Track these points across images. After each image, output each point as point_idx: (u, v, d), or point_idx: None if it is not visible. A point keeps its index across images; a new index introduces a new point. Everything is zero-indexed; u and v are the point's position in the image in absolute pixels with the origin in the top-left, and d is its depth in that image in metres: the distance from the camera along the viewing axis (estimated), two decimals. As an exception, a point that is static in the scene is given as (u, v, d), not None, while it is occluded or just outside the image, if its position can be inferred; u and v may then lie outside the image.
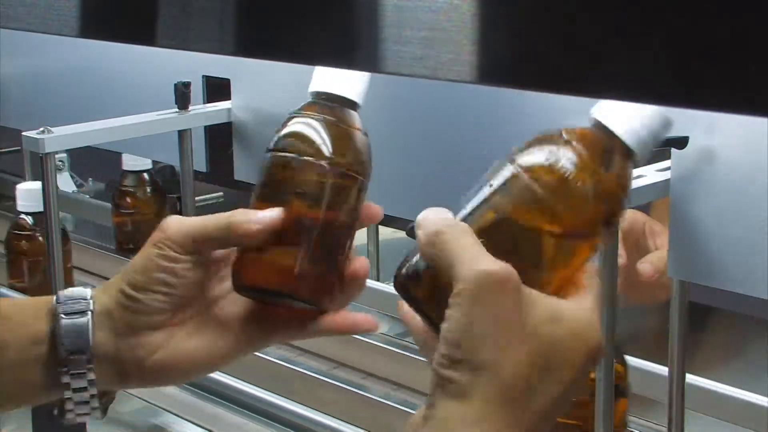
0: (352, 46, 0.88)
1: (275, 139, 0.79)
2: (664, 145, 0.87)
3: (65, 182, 1.78)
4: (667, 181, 0.87)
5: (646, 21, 0.82)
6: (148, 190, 1.54)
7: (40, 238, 1.36)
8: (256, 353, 1.20)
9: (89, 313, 0.74)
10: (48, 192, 1.14)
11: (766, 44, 0.75)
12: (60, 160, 1.74)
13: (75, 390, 0.74)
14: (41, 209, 1.22)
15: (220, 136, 1.27)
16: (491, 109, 1.01)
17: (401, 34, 0.89)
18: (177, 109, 1.23)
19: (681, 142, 0.85)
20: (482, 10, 0.77)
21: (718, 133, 0.83)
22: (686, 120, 0.85)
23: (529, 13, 0.86)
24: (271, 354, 1.22)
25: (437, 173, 1.07)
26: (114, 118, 1.21)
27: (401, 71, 0.98)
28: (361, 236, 1.40)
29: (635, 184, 0.86)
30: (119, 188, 1.54)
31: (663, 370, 0.96)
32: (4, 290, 1.35)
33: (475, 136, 1.03)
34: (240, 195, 1.45)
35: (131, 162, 1.52)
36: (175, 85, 1.23)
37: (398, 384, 1.18)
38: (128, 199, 1.53)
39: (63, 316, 0.73)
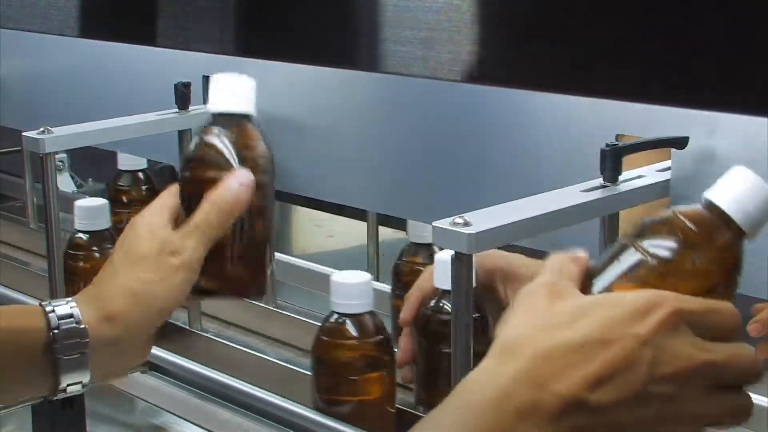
0: (352, 46, 0.88)
1: (184, 159, 0.86)
2: (664, 146, 0.87)
3: (65, 182, 1.78)
4: (667, 181, 0.87)
5: (646, 21, 0.83)
6: (144, 189, 1.52)
7: (98, 257, 1.23)
8: (257, 354, 1.20)
9: (86, 350, 0.78)
10: (48, 192, 1.14)
11: (766, 44, 0.75)
12: (60, 161, 1.73)
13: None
14: (102, 227, 1.21)
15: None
16: (491, 109, 1.01)
17: (401, 34, 0.90)
18: (177, 110, 1.23)
19: (681, 142, 0.85)
20: (482, 10, 0.77)
21: (718, 133, 0.83)
22: (686, 120, 0.85)
23: (528, 13, 0.86)
24: (271, 354, 1.22)
25: (437, 173, 1.07)
26: (114, 119, 1.21)
27: (401, 71, 0.98)
28: (361, 236, 1.40)
29: (635, 184, 0.86)
30: (114, 187, 1.53)
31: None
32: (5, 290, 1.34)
33: (475, 136, 1.03)
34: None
35: (126, 162, 1.51)
36: (175, 85, 1.23)
37: (398, 384, 1.17)
38: (124, 198, 1.51)
39: (62, 357, 0.77)
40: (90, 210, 1.22)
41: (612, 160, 0.84)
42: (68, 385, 0.78)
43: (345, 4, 1.16)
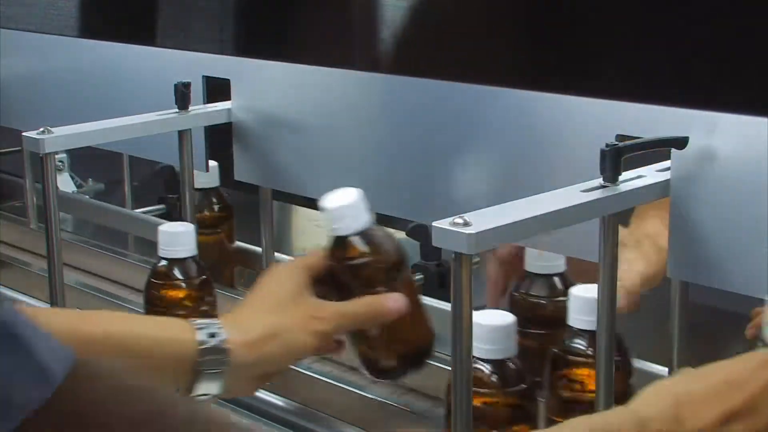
0: (352, 46, 0.88)
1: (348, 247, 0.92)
2: (664, 146, 0.87)
3: (65, 182, 1.78)
4: (667, 181, 0.87)
5: (646, 21, 0.83)
6: (216, 208, 1.44)
7: (184, 287, 1.14)
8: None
9: (226, 368, 0.86)
10: (48, 192, 1.14)
11: (766, 44, 0.75)
12: (60, 161, 1.73)
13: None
14: (188, 254, 1.13)
15: (220, 136, 1.27)
16: (491, 109, 1.01)
17: (401, 34, 0.90)
18: (177, 110, 1.23)
19: (681, 142, 0.85)
20: (482, 10, 0.77)
21: (718, 133, 0.83)
22: (686, 120, 0.85)
23: (528, 14, 0.86)
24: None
25: (437, 173, 1.07)
26: (114, 119, 1.21)
27: (401, 71, 0.99)
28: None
29: (635, 184, 0.86)
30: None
31: (663, 370, 0.96)
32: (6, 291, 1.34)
33: (475, 136, 1.03)
34: (240, 196, 1.45)
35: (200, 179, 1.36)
36: (175, 85, 1.23)
37: (399, 385, 1.18)
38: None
39: (204, 371, 0.85)
40: (174, 236, 1.14)
41: (612, 160, 0.84)
42: (199, 394, 0.85)
43: (345, 4, 1.16)
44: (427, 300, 1.24)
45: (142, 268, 1.50)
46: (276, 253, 1.31)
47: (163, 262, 1.14)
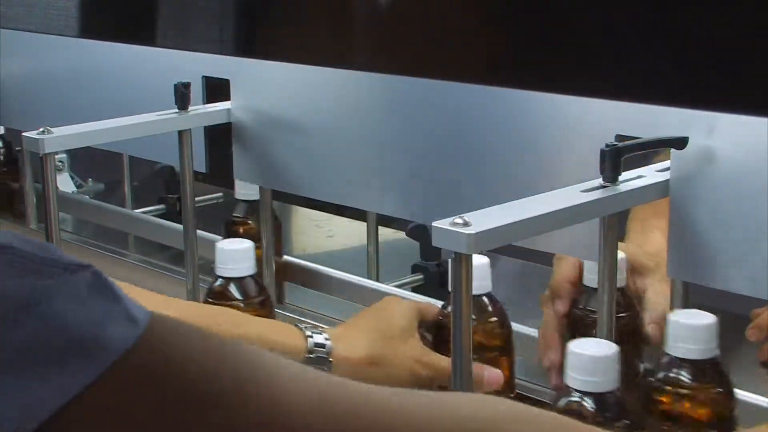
0: (352, 47, 0.88)
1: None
2: (664, 146, 0.87)
3: (65, 183, 1.78)
4: (666, 181, 0.87)
5: (646, 21, 0.83)
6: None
7: (243, 307, 1.09)
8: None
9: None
10: (48, 192, 1.14)
11: (766, 44, 0.75)
12: (60, 161, 1.73)
13: None
14: (247, 273, 1.08)
15: (220, 136, 1.27)
16: (491, 109, 1.01)
17: (401, 34, 0.90)
18: (177, 110, 1.23)
19: (681, 142, 0.85)
20: (482, 10, 0.77)
21: (718, 133, 0.83)
22: (686, 120, 0.85)
23: (528, 14, 0.86)
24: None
25: (437, 173, 1.07)
26: (114, 119, 1.21)
27: (402, 72, 0.98)
28: (360, 237, 1.40)
29: (635, 184, 0.86)
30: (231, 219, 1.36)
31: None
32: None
33: (475, 136, 1.03)
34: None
35: (243, 190, 1.34)
36: (175, 85, 1.23)
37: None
38: (240, 230, 1.35)
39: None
40: (232, 253, 1.09)
41: (612, 160, 0.84)
42: None
43: (345, 4, 1.16)
44: (427, 300, 1.24)
45: (142, 268, 1.51)
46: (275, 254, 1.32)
47: (221, 281, 1.09)
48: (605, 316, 0.87)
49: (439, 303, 1.13)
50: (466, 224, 0.75)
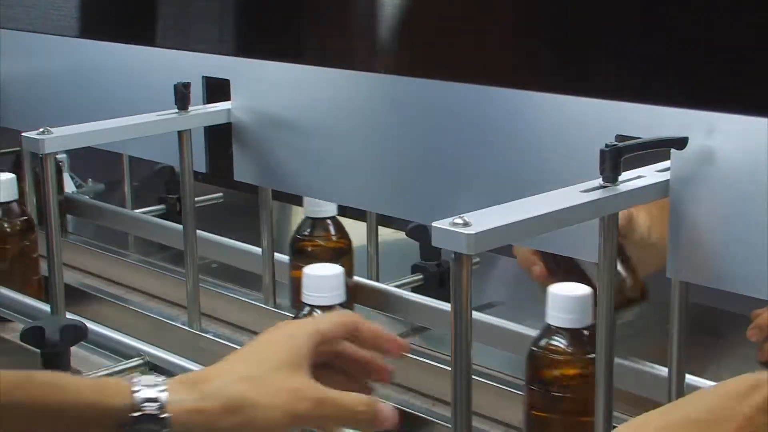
0: (352, 47, 0.88)
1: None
2: (664, 146, 0.87)
3: (65, 183, 1.78)
4: (666, 181, 0.87)
5: (646, 21, 0.83)
6: (334, 238, 1.30)
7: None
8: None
9: None
10: (48, 192, 1.14)
11: (766, 44, 0.75)
12: (60, 161, 1.73)
13: None
14: (338, 301, 1.02)
15: (220, 136, 1.27)
16: (491, 109, 1.01)
17: (401, 34, 0.90)
18: (177, 110, 1.23)
19: (680, 143, 0.85)
20: (482, 11, 0.77)
21: (718, 134, 0.83)
22: (686, 120, 0.85)
23: (529, 14, 0.86)
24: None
25: (437, 173, 1.07)
26: (114, 119, 1.21)
27: (401, 71, 0.99)
28: (360, 236, 1.40)
29: (635, 184, 0.86)
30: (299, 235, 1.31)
31: (663, 370, 0.96)
32: (7, 292, 1.34)
33: (475, 136, 1.03)
34: (240, 196, 1.45)
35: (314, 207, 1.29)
36: (175, 85, 1.23)
37: (399, 385, 1.18)
38: (309, 249, 1.30)
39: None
40: (322, 280, 1.03)
41: (612, 161, 0.84)
42: None
43: (345, 4, 1.16)
44: (427, 300, 1.25)
45: (142, 268, 1.51)
46: (276, 254, 1.31)
47: (308, 310, 1.03)
48: (605, 316, 0.87)
49: (440, 303, 1.13)
50: (466, 224, 0.75)
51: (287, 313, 1.30)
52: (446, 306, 1.01)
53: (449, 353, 0.78)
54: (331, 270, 1.03)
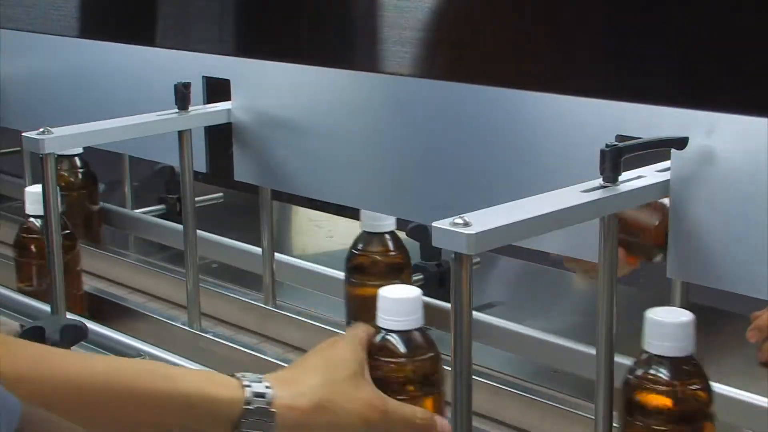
0: (352, 47, 0.88)
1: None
2: (664, 146, 0.87)
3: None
4: (666, 181, 0.87)
5: (646, 21, 0.83)
6: (392, 253, 1.24)
7: (409, 365, 1.07)
8: (257, 354, 1.21)
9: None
10: (48, 192, 1.14)
11: (766, 44, 0.75)
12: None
13: None
14: (415, 326, 0.97)
15: (220, 136, 1.27)
16: (491, 109, 1.01)
17: (402, 34, 0.90)
18: (177, 110, 1.23)
19: (680, 143, 0.85)
20: (482, 10, 0.77)
21: (718, 134, 0.83)
22: (686, 120, 0.85)
23: (528, 14, 0.86)
24: (271, 354, 1.22)
25: (437, 173, 1.07)
26: (114, 119, 1.21)
27: (402, 72, 0.99)
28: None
29: (635, 184, 0.86)
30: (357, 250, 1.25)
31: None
32: (7, 291, 1.34)
33: (475, 136, 1.03)
34: (240, 196, 1.45)
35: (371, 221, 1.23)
36: (175, 85, 1.23)
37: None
38: (364, 263, 1.24)
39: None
40: (398, 303, 0.97)
41: (612, 161, 0.84)
42: None
43: (345, 4, 1.16)
44: (427, 300, 1.24)
45: (142, 268, 1.51)
46: (276, 254, 1.32)
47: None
48: (605, 316, 0.87)
49: (440, 303, 1.12)
50: (466, 224, 0.75)
51: (287, 313, 1.30)
52: (446, 306, 1.01)
53: (449, 353, 0.78)
54: (409, 292, 0.98)
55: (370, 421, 0.86)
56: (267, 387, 0.83)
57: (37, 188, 1.32)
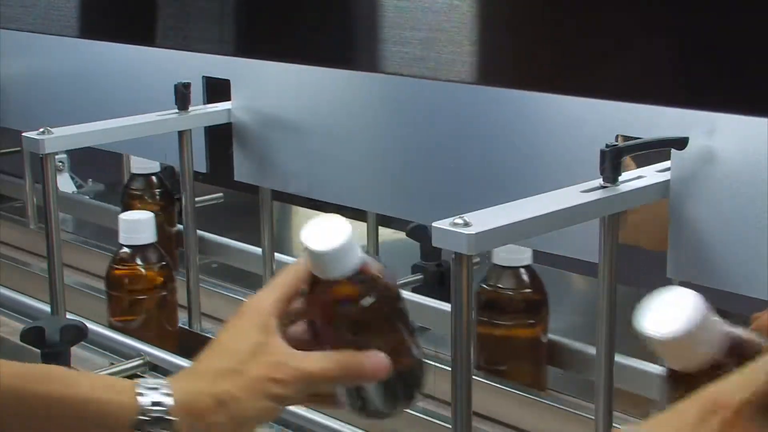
0: (352, 47, 0.88)
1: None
2: (664, 146, 0.87)
3: (65, 183, 1.78)
4: (667, 181, 0.87)
5: (646, 21, 0.82)
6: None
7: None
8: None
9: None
10: (48, 192, 1.14)
11: (766, 45, 0.75)
12: (60, 161, 1.73)
13: None
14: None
15: (220, 136, 1.27)
16: (491, 109, 1.01)
17: (402, 34, 0.90)
18: (177, 110, 1.23)
19: (681, 143, 0.85)
20: (482, 10, 0.77)
21: (718, 134, 0.83)
22: (686, 120, 0.85)
23: (528, 14, 0.86)
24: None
25: (437, 174, 1.07)
26: (114, 119, 1.21)
27: (402, 72, 0.98)
28: (361, 236, 1.40)
29: (635, 184, 0.86)
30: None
31: (662, 370, 0.96)
32: (7, 291, 1.34)
33: (475, 136, 1.03)
34: (240, 196, 1.45)
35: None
36: (175, 86, 1.23)
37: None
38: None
39: None
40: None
41: (612, 161, 0.84)
42: None
43: (345, 4, 1.16)
44: (427, 300, 1.25)
45: (142, 268, 1.50)
46: (276, 254, 1.31)
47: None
48: (605, 316, 0.87)
49: (440, 303, 1.12)
50: (466, 224, 0.75)
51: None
52: (446, 306, 1.01)
53: (449, 353, 0.78)
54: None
55: (276, 395, 0.76)
56: (165, 393, 0.77)
57: (133, 216, 1.24)
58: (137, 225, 1.21)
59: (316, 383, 0.77)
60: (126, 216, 1.24)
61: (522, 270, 1.10)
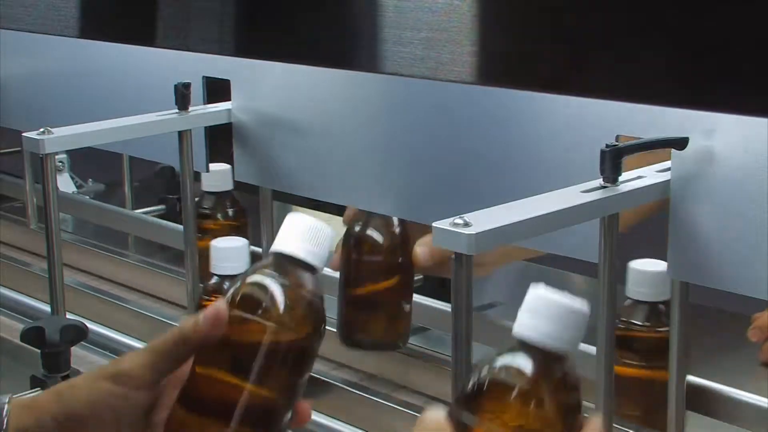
0: (352, 47, 0.88)
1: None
2: (664, 146, 0.87)
3: (65, 183, 1.78)
4: (667, 181, 0.87)
5: (645, 22, 0.82)
6: None
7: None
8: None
9: None
10: (48, 192, 1.14)
11: (765, 45, 0.75)
12: (60, 161, 1.74)
13: None
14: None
15: (220, 136, 1.27)
16: (491, 109, 1.01)
17: (401, 35, 0.90)
18: (177, 110, 1.23)
19: (681, 143, 0.85)
20: (482, 10, 0.77)
21: (718, 134, 0.83)
22: (686, 120, 0.85)
23: (528, 14, 0.86)
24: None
25: (437, 174, 1.07)
26: (114, 119, 1.21)
27: (401, 72, 0.99)
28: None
29: (635, 185, 0.86)
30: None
31: (663, 370, 0.96)
32: (7, 291, 1.34)
33: (475, 136, 1.03)
34: (239, 196, 1.45)
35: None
36: (175, 86, 1.23)
37: (398, 385, 1.18)
38: None
39: None
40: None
41: (612, 161, 0.84)
42: None
43: (345, 4, 1.16)
44: (427, 300, 1.25)
45: (142, 268, 1.51)
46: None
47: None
48: (605, 317, 0.87)
49: (440, 303, 1.12)
50: (466, 224, 0.75)
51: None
52: (446, 306, 1.01)
53: (449, 353, 0.78)
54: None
55: (110, 393, 0.72)
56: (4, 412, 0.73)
57: (228, 243, 1.17)
58: (228, 253, 1.14)
59: (156, 355, 0.74)
60: (218, 244, 1.16)
61: (660, 306, 1.01)
